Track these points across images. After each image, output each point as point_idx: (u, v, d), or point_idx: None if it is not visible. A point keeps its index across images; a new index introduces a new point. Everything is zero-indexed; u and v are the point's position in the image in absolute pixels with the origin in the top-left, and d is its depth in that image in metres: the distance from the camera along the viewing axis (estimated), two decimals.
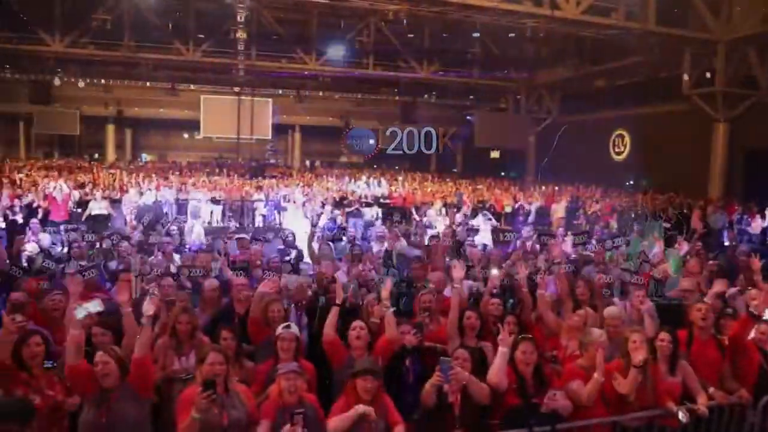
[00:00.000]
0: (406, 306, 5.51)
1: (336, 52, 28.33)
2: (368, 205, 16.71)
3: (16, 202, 14.06)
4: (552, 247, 6.21)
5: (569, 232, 9.96)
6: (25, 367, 3.82)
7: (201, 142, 39.22)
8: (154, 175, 21.24)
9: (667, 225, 15.71)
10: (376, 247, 8.00)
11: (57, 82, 30.40)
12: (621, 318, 4.87)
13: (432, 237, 8.09)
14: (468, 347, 4.31)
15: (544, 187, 24.41)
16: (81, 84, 31.88)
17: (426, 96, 35.86)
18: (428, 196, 19.75)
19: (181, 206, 16.73)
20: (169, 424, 3.78)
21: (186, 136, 41.52)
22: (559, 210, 18.74)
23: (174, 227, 9.23)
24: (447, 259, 6.86)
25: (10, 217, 12.56)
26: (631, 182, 26.65)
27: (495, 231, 13.10)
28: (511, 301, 5.61)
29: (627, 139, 27.64)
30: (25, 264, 6.95)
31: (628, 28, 20.46)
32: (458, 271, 4.87)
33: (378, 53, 28.54)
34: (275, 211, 16.87)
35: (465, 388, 3.85)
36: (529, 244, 8.65)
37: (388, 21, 25.99)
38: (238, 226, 15.87)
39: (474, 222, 12.67)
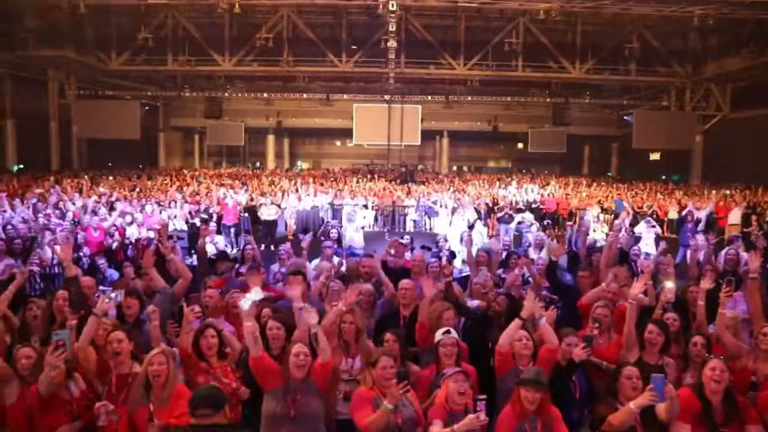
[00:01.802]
0: (563, 317, 5.25)
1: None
2: (519, 210, 16.30)
3: (194, 207, 15.55)
4: (749, 258, 5.35)
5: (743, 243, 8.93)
6: (203, 357, 4.21)
7: (352, 150, 41.00)
8: (311, 181, 22.41)
9: None
10: (533, 254, 7.77)
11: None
12: None
13: (592, 246, 7.65)
14: (647, 364, 4.01)
15: (714, 192, 22.21)
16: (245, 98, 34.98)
17: (579, 96, 34.28)
18: (583, 201, 18.84)
19: (336, 211, 17.51)
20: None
21: (338, 143, 43.60)
22: (733, 217, 16.99)
23: (335, 231, 9.63)
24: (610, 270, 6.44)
25: (190, 221, 13.86)
26: None
27: (658, 239, 12.16)
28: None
29: None
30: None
31: None
32: (637, 286, 4.57)
33: (527, 54, 27.73)
34: (426, 216, 17.04)
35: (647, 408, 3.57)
36: (702, 254, 7.86)
37: (539, 20, 25.18)
38: (389, 230, 16.26)
39: (636, 229, 11.84)
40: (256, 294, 4.07)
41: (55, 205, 12.43)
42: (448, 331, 4.22)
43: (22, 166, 27.29)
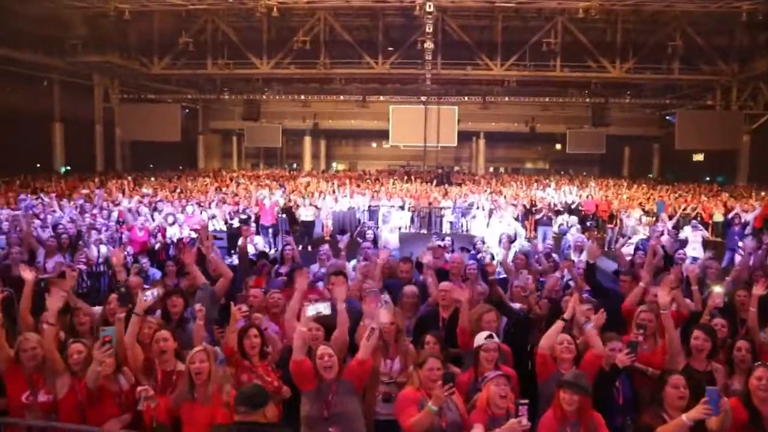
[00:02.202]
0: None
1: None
2: (558, 212, 16.05)
3: (233, 208, 15.77)
4: None
5: None
6: (247, 356, 4.28)
7: (388, 151, 41.03)
8: (348, 183, 22.49)
9: None
10: (574, 257, 7.64)
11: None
12: None
13: (636, 249, 7.49)
14: (696, 370, 3.90)
15: (763, 193, 21.49)
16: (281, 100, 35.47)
17: (619, 96, 33.58)
18: (625, 204, 18.43)
19: (373, 213, 17.51)
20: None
21: (374, 145, 43.71)
22: None
23: (371, 232, 9.65)
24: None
25: (229, 222, 14.07)
26: None
27: (705, 243, 11.83)
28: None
29: None
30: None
31: None
32: (662, 293, 4.42)
33: (566, 54, 27.27)
34: (462, 218, 16.90)
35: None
36: (751, 258, 7.63)
37: (577, 19, 24.74)
38: (426, 232, 16.16)
39: (681, 234, 11.54)
40: (325, 307, 4.10)
41: (101, 205, 12.79)
42: (491, 336, 4.17)
43: (69, 167, 28.21)
